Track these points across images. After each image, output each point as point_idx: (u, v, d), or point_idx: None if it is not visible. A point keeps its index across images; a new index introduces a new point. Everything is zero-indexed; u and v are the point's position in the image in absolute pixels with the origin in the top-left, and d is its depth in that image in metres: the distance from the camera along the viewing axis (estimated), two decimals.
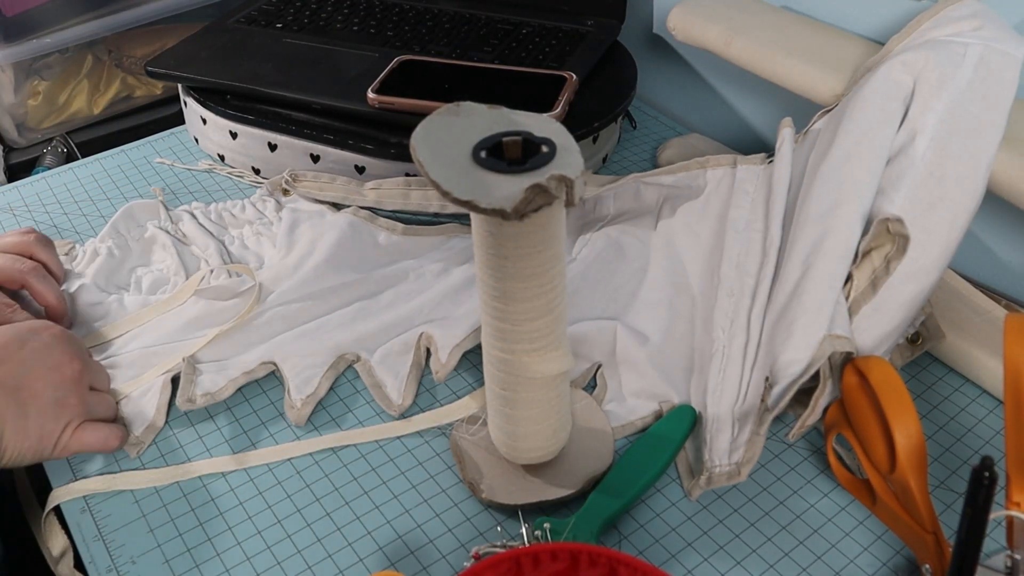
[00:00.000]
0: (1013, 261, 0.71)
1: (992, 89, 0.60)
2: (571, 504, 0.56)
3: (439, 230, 0.77)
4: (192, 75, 0.86)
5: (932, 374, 0.65)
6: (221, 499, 0.57)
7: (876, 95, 0.62)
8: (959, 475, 0.58)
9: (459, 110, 0.49)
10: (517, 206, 0.43)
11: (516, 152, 0.46)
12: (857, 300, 0.58)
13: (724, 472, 0.56)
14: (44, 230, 0.80)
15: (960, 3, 0.66)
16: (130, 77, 1.07)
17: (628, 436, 0.61)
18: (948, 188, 0.58)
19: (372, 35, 0.92)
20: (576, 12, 0.95)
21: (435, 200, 0.76)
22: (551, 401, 0.53)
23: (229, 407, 0.64)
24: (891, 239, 0.57)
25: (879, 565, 0.53)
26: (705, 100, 0.95)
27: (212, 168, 0.87)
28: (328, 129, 0.81)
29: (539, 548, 0.45)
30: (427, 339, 0.66)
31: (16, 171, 0.99)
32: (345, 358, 0.66)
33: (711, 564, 0.53)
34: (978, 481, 0.38)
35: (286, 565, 0.54)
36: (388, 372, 0.65)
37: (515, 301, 0.49)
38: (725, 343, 0.62)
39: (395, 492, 0.58)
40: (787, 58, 0.75)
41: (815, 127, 0.69)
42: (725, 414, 0.59)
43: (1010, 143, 0.61)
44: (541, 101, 0.77)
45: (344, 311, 0.69)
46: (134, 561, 0.54)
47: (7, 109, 0.99)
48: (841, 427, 0.56)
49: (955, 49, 0.62)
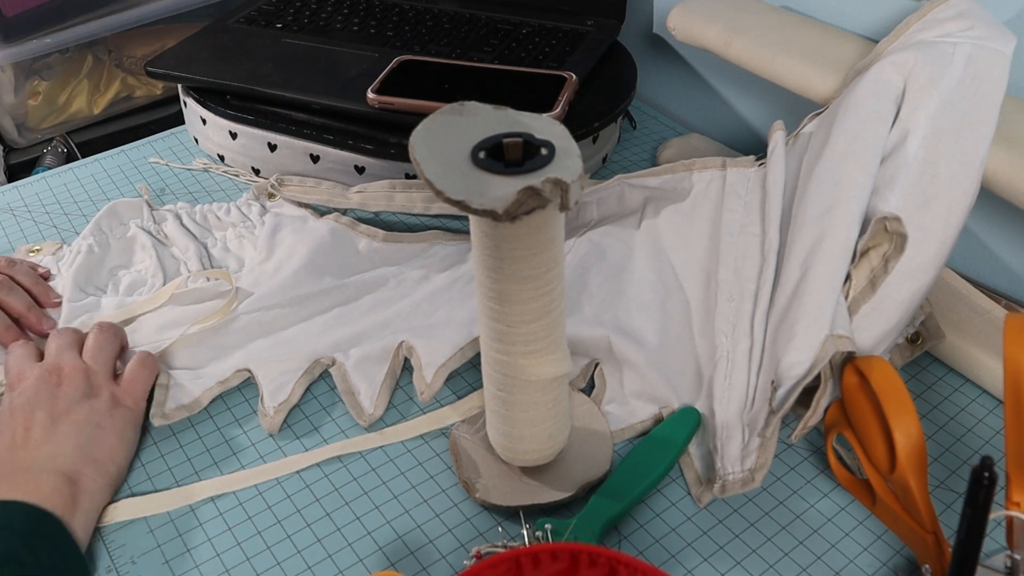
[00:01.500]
0: (1013, 261, 0.71)
1: (982, 86, 0.61)
2: (570, 506, 0.56)
3: (420, 237, 0.77)
4: (192, 75, 0.86)
5: (932, 374, 0.65)
6: (221, 499, 0.57)
7: (868, 95, 0.62)
8: (959, 475, 0.58)
9: (463, 109, 0.49)
10: (508, 208, 0.42)
11: (516, 153, 0.46)
12: (856, 300, 0.58)
13: (738, 479, 0.56)
14: (44, 230, 0.80)
15: (948, 3, 0.66)
16: (130, 77, 1.07)
17: (628, 439, 0.61)
18: (942, 186, 0.58)
19: (372, 35, 0.92)
20: (576, 12, 0.95)
21: (419, 201, 0.75)
22: (548, 404, 0.53)
23: (226, 407, 0.64)
24: (889, 238, 0.57)
25: (879, 565, 0.53)
26: (705, 100, 0.95)
27: (208, 167, 0.87)
28: (328, 129, 0.80)
29: (539, 548, 0.45)
30: (407, 349, 0.65)
31: (16, 171, 1.00)
32: (320, 362, 0.65)
33: (711, 564, 0.53)
34: (978, 481, 0.38)
35: (286, 565, 0.54)
36: (362, 379, 0.64)
37: (512, 303, 0.49)
38: (729, 348, 0.62)
39: (395, 492, 0.58)
40: (787, 58, 0.75)
41: (806, 130, 0.69)
42: (734, 420, 0.59)
43: (1008, 143, 0.61)
44: (541, 101, 0.77)
45: (322, 317, 0.68)
46: (134, 561, 0.54)
47: (7, 109, 1.00)
48: (841, 427, 0.56)
49: (944, 48, 0.62)
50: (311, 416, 0.63)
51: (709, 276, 0.67)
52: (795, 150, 0.68)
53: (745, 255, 0.66)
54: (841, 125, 0.62)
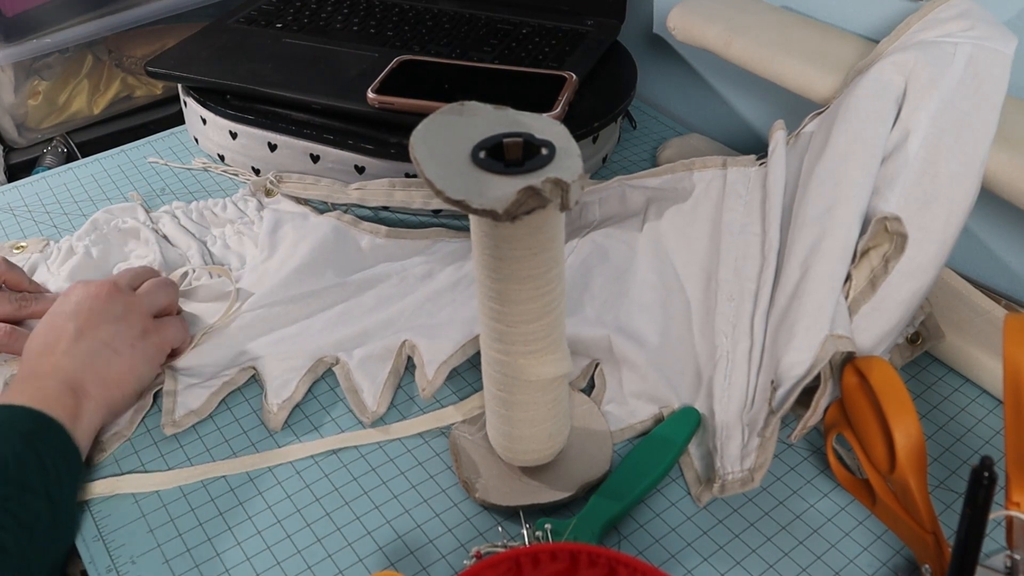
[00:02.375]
0: (1013, 261, 0.71)
1: (983, 86, 0.61)
2: (570, 506, 0.56)
3: (423, 233, 0.76)
4: (192, 75, 0.86)
5: (932, 374, 0.65)
6: (221, 499, 0.57)
7: (868, 95, 0.62)
8: (959, 475, 0.58)
9: (463, 109, 0.49)
10: (508, 208, 0.42)
11: (516, 153, 0.46)
12: (856, 300, 0.58)
13: (737, 479, 0.56)
14: (44, 230, 0.80)
15: (948, 3, 0.66)
16: (130, 77, 1.07)
17: (627, 439, 0.61)
18: (942, 186, 0.58)
19: (372, 35, 0.92)
20: (576, 12, 0.95)
21: (418, 198, 0.75)
22: (548, 404, 0.53)
23: (227, 408, 0.64)
24: (889, 238, 0.57)
25: (879, 565, 0.53)
26: (705, 100, 0.95)
27: (208, 167, 0.87)
28: (328, 129, 0.80)
29: (539, 548, 0.45)
30: (410, 347, 0.65)
31: (16, 171, 0.99)
32: (324, 361, 0.65)
33: (711, 564, 0.53)
34: (978, 481, 0.38)
35: (286, 565, 0.54)
36: (365, 377, 0.64)
37: (512, 303, 0.49)
38: (729, 348, 0.62)
39: (395, 492, 0.58)
40: (787, 58, 0.75)
41: (806, 129, 0.69)
42: (734, 420, 0.59)
43: (1009, 143, 0.61)
44: (541, 101, 0.77)
45: (325, 314, 0.68)
46: (134, 561, 0.54)
47: (7, 109, 1.00)
48: (841, 427, 0.56)
49: (945, 49, 0.62)
50: (311, 416, 0.63)
51: (709, 276, 0.67)
52: (796, 150, 0.68)
53: (745, 255, 0.66)
54: (842, 125, 0.62)
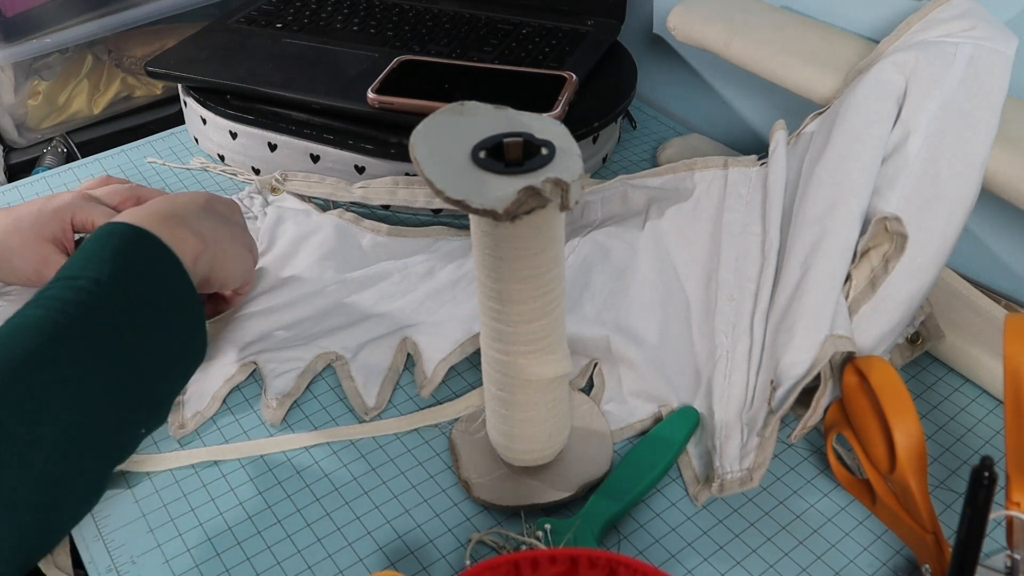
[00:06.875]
0: (1013, 261, 0.71)
1: (984, 87, 0.61)
2: (570, 506, 0.56)
3: (425, 232, 0.77)
4: (192, 75, 0.85)
5: (932, 374, 0.65)
6: (220, 499, 0.57)
7: (869, 95, 0.62)
8: (959, 475, 0.58)
9: (463, 109, 0.49)
10: (509, 207, 0.42)
11: (516, 153, 0.46)
12: (856, 300, 0.58)
13: (736, 478, 0.56)
14: None
15: (949, 3, 0.66)
16: (130, 77, 1.07)
17: (627, 439, 0.61)
18: (943, 186, 0.58)
19: (372, 35, 0.92)
20: (576, 12, 0.95)
21: (421, 196, 0.76)
22: (548, 404, 0.53)
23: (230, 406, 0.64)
24: (889, 238, 0.57)
25: (879, 565, 0.53)
26: (705, 100, 0.95)
27: (207, 167, 0.87)
28: (328, 129, 0.80)
29: (538, 553, 0.45)
30: (410, 345, 0.66)
31: (16, 171, 0.99)
32: (324, 357, 0.65)
33: (711, 564, 0.53)
34: (978, 481, 0.38)
35: (286, 565, 0.54)
36: (365, 374, 0.64)
37: (512, 303, 0.49)
38: (729, 348, 0.62)
39: (395, 492, 0.58)
40: (787, 58, 0.75)
41: (807, 129, 0.69)
42: (733, 420, 0.59)
43: (1009, 143, 0.61)
44: (541, 101, 0.77)
45: (326, 311, 0.69)
46: (134, 561, 0.54)
47: (7, 109, 0.99)
48: (841, 427, 0.56)
49: (946, 48, 0.62)
50: (312, 416, 0.63)
51: (710, 275, 0.67)
52: (796, 150, 0.68)
53: (746, 254, 0.66)
54: (842, 126, 0.62)
